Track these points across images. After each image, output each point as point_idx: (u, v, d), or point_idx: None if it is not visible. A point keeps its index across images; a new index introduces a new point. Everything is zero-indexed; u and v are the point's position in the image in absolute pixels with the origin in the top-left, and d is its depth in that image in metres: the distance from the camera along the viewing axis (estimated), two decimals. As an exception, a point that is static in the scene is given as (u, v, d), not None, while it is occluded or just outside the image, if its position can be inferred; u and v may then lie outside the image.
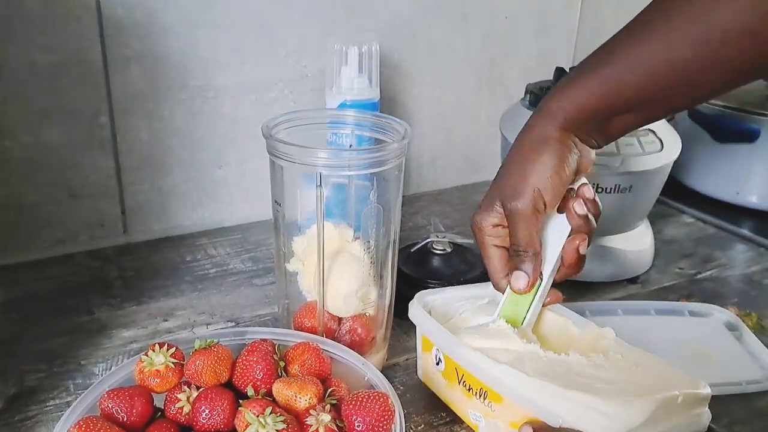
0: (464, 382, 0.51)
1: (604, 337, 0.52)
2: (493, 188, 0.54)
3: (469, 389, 0.51)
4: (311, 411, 0.46)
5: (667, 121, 0.77)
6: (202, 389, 0.48)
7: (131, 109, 0.79)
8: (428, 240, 0.73)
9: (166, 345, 0.50)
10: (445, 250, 0.72)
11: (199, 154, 0.84)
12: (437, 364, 0.54)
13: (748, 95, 0.95)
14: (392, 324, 0.62)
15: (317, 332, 0.57)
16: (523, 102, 0.80)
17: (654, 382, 0.47)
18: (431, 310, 0.58)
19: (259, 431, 0.43)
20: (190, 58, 0.80)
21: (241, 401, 0.47)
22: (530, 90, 0.79)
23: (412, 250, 0.74)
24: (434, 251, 0.72)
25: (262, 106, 0.86)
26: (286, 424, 0.44)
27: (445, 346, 0.53)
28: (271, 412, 0.44)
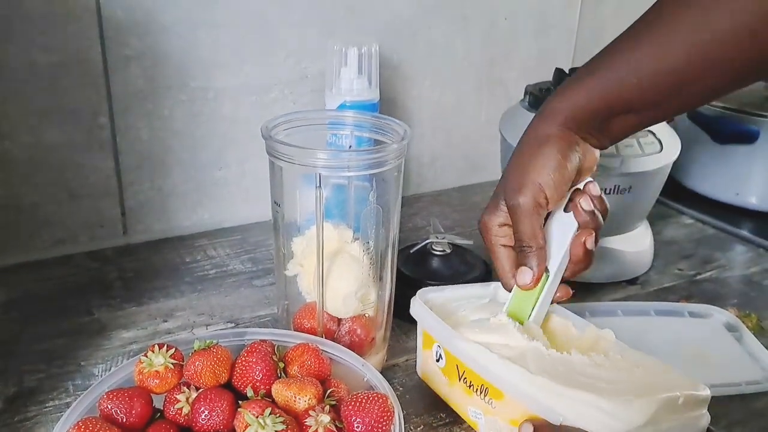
0: (465, 378, 0.51)
1: (604, 338, 0.52)
2: (498, 188, 0.54)
3: (470, 386, 0.51)
4: (310, 412, 0.46)
5: (667, 122, 0.77)
6: (201, 390, 0.48)
7: (131, 109, 0.79)
8: (428, 241, 0.73)
9: (165, 346, 0.50)
10: (445, 251, 0.72)
11: (198, 155, 0.84)
12: (437, 360, 0.54)
13: (747, 96, 0.95)
14: (392, 325, 0.62)
15: (317, 333, 0.57)
16: (523, 103, 0.80)
17: (655, 382, 0.47)
18: (432, 308, 0.57)
19: (258, 432, 0.43)
20: (190, 58, 0.80)
21: (240, 402, 0.47)
22: (530, 91, 0.79)
23: (411, 251, 0.74)
24: (434, 252, 0.72)
25: (262, 106, 0.86)
26: (285, 425, 0.44)
27: (447, 342, 0.53)
28: (270, 413, 0.44)
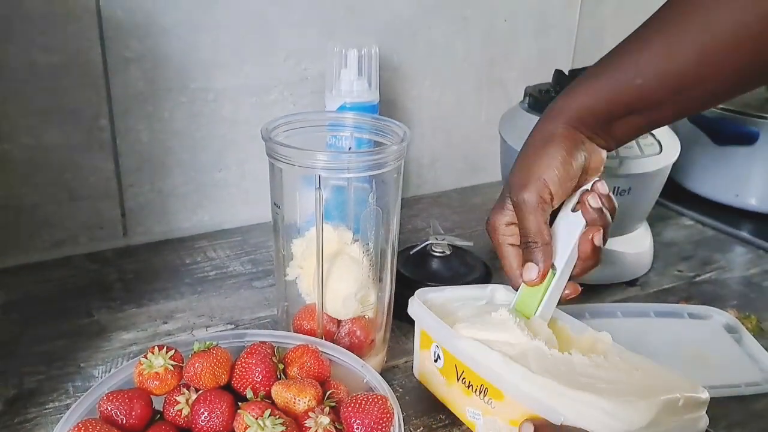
0: (464, 378, 0.51)
1: (601, 341, 0.52)
2: (504, 188, 0.55)
3: (469, 386, 0.51)
4: (310, 413, 0.46)
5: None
6: (201, 392, 0.48)
7: (131, 110, 0.79)
8: (427, 242, 0.73)
9: (165, 347, 0.49)
10: (444, 252, 0.72)
11: (198, 156, 0.84)
12: (435, 361, 0.54)
13: (747, 98, 0.95)
14: (391, 326, 0.62)
15: (316, 335, 0.57)
16: (522, 104, 0.80)
17: (655, 384, 0.47)
18: (430, 308, 0.57)
19: (257, 434, 0.43)
20: (190, 60, 0.80)
21: (240, 403, 0.47)
22: (529, 92, 0.79)
23: (411, 252, 0.74)
24: (433, 254, 0.72)
25: (261, 108, 0.86)
26: (284, 427, 0.44)
27: (446, 341, 0.52)
28: (269, 414, 0.44)
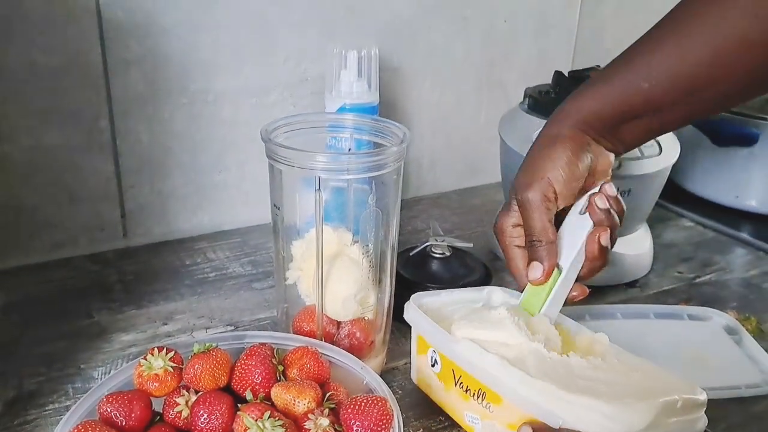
0: (461, 383, 0.51)
1: (599, 342, 0.52)
2: (510, 189, 0.55)
3: (467, 390, 0.51)
4: (310, 415, 0.46)
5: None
6: (200, 393, 0.48)
7: (131, 112, 0.79)
8: (427, 244, 0.73)
9: (165, 349, 0.49)
10: (444, 253, 0.72)
11: (198, 158, 0.84)
12: (433, 365, 0.54)
13: (747, 99, 0.95)
14: (391, 328, 0.62)
15: (316, 336, 0.57)
16: (522, 106, 0.80)
17: (653, 386, 0.47)
18: (426, 312, 0.57)
19: (257, 435, 0.43)
20: (190, 61, 0.80)
21: (239, 405, 0.47)
22: (529, 94, 0.79)
23: (411, 253, 0.74)
24: (433, 255, 0.72)
25: (261, 109, 0.86)
26: (284, 428, 0.44)
27: (443, 346, 0.52)
28: (269, 416, 0.44)
